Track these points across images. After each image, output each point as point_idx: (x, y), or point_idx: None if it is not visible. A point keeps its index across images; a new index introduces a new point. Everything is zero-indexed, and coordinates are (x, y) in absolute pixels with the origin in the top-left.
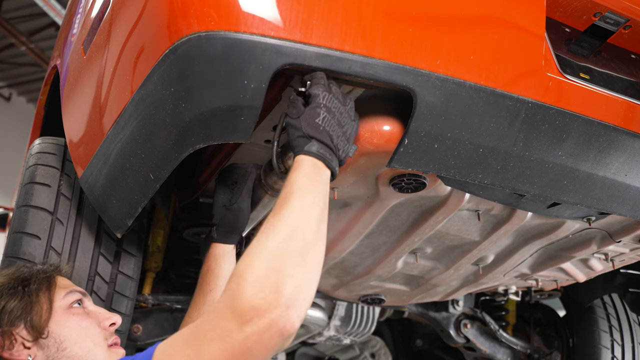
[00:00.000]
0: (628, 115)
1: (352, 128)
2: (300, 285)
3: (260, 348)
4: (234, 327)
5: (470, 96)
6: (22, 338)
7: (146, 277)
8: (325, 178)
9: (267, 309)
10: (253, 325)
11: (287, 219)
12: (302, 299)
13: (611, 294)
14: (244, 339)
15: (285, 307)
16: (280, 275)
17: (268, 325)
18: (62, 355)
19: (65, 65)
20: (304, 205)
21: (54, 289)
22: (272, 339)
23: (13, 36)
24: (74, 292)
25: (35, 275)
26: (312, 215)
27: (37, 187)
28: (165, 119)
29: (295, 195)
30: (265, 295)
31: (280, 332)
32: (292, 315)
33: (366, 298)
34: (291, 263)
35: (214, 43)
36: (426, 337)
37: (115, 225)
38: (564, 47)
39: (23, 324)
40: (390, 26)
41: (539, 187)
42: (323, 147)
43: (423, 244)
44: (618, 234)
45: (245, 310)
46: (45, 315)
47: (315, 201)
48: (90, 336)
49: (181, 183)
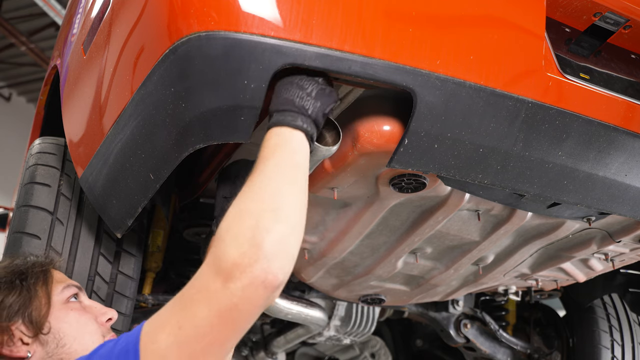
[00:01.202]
0: (628, 115)
1: (317, 88)
2: (278, 238)
3: (246, 303)
4: (219, 286)
5: (470, 96)
6: (20, 333)
7: (146, 277)
8: (294, 139)
9: (248, 263)
10: (237, 281)
11: (254, 181)
12: (282, 251)
13: (611, 294)
14: (229, 296)
15: (265, 259)
16: (256, 230)
17: (251, 279)
18: (62, 352)
19: (65, 65)
20: (269, 168)
21: (51, 283)
22: (256, 292)
23: (13, 36)
24: (70, 286)
25: (31, 268)
26: (279, 174)
27: (37, 187)
28: (165, 119)
29: (261, 163)
30: (244, 250)
31: (264, 285)
32: (273, 267)
33: (366, 298)
34: (266, 219)
35: (214, 43)
36: (426, 337)
37: (115, 225)
38: (564, 47)
39: (21, 319)
40: (390, 26)
41: (539, 187)
42: (283, 114)
43: (423, 244)
44: (618, 234)
45: (227, 267)
46: (44, 310)
47: (281, 160)
48: (88, 332)
49: (181, 183)
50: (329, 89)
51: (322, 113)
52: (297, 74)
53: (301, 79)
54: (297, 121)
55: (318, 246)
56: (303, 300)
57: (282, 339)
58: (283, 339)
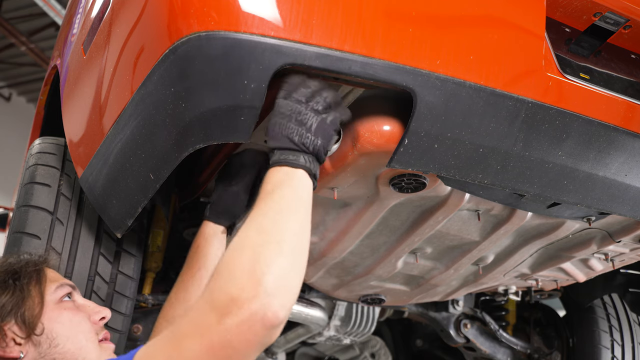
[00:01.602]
0: (628, 115)
1: (317, 121)
2: (280, 273)
3: (241, 340)
4: (213, 321)
5: (470, 96)
6: (13, 334)
7: (146, 277)
8: (296, 177)
9: (246, 298)
10: (233, 317)
11: (257, 215)
12: (283, 287)
13: (611, 294)
14: (223, 332)
15: (265, 295)
16: (257, 265)
17: (248, 316)
18: (55, 352)
19: (65, 65)
20: (272, 202)
21: (44, 282)
22: (252, 329)
23: (13, 36)
24: (64, 285)
25: (25, 267)
26: (283, 207)
27: (37, 187)
28: (165, 119)
29: (264, 197)
30: (243, 285)
31: (262, 322)
32: (274, 304)
33: (366, 298)
34: (268, 253)
35: (214, 43)
36: (426, 337)
37: (115, 225)
38: (564, 47)
39: (14, 319)
40: (390, 26)
41: (539, 187)
42: (285, 153)
43: (423, 244)
44: (618, 234)
45: (224, 302)
46: (37, 310)
47: (284, 195)
48: (82, 331)
49: (181, 183)
50: (331, 117)
51: (324, 150)
52: (294, 102)
53: (299, 112)
54: (300, 160)
55: (318, 246)
56: (303, 300)
57: (282, 339)
58: (283, 339)
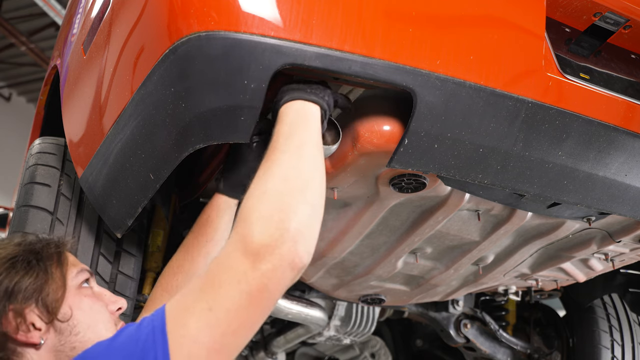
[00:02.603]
0: (628, 115)
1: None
2: (304, 220)
3: (275, 283)
4: (248, 267)
5: (470, 96)
6: (34, 317)
7: (146, 277)
8: (310, 115)
9: (276, 245)
10: (267, 262)
11: (280, 161)
12: (307, 233)
13: (611, 294)
14: (260, 276)
15: (292, 241)
16: (283, 213)
17: (280, 260)
18: (75, 340)
19: (65, 65)
20: (293, 148)
21: (65, 265)
22: (284, 273)
23: (13, 36)
24: (84, 270)
25: (46, 248)
26: (303, 154)
27: (37, 187)
28: (165, 119)
29: (283, 141)
30: (272, 232)
31: (291, 266)
32: (300, 249)
33: (366, 298)
34: (293, 200)
35: (214, 43)
36: (426, 337)
37: (115, 225)
38: (564, 47)
39: (34, 302)
40: (390, 26)
41: (539, 187)
42: (297, 90)
43: (423, 244)
44: (618, 234)
45: (256, 249)
46: (59, 294)
47: (303, 139)
48: (102, 320)
49: (181, 183)
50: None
51: (331, 98)
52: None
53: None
54: (312, 96)
55: (318, 246)
56: (303, 300)
57: (282, 339)
58: (283, 339)
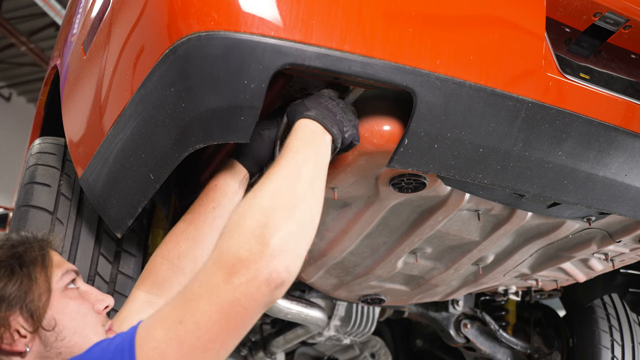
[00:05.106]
0: (628, 115)
1: (354, 122)
2: (287, 237)
3: (249, 299)
4: (221, 280)
5: (470, 96)
6: (18, 325)
7: None
8: (322, 141)
9: (253, 259)
10: (240, 277)
11: (276, 176)
12: (289, 250)
13: (611, 294)
14: (232, 290)
15: (270, 257)
16: (266, 228)
17: (255, 275)
18: (61, 345)
19: (65, 65)
20: (293, 164)
21: (50, 267)
22: (259, 288)
23: (13, 36)
24: (69, 271)
25: (30, 250)
26: (303, 172)
27: (37, 187)
28: (165, 119)
29: (287, 156)
30: (251, 247)
31: (267, 282)
32: (277, 265)
33: (366, 298)
34: (278, 217)
35: (214, 43)
36: (426, 337)
37: (115, 225)
38: (564, 47)
39: (19, 310)
40: (390, 26)
41: (539, 187)
42: (322, 113)
43: (423, 244)
44: (618, 234)
45: (231, 262)
46: (44, 300)
47: (307, 159)
48: (88, 324)
49: (181, 183)
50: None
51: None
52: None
53: (329, 93)
54: (334, 127)
55: (318, 246)
56: (303, 300)
57: (281, 339)
58: (282, 339)
